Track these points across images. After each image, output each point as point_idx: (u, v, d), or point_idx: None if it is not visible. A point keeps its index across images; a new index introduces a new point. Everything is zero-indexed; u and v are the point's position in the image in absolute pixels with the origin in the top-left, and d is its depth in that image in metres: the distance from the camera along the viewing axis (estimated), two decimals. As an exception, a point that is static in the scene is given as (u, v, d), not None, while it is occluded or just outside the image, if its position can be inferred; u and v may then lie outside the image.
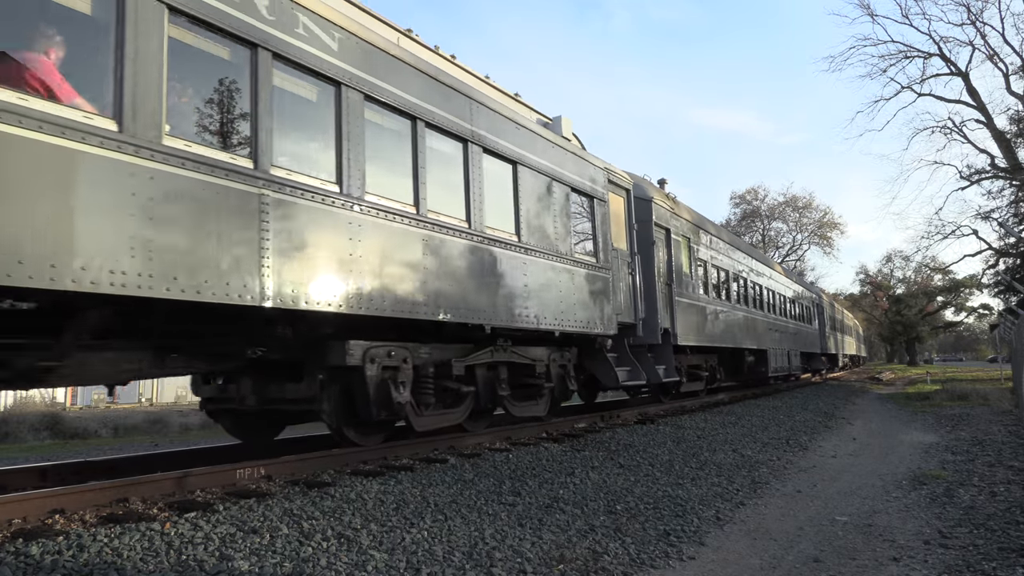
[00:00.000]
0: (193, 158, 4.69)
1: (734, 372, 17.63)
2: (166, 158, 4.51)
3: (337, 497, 4.79)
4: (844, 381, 31.18)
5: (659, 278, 12.09)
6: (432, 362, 7.08)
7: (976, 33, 29.78)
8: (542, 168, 8.69)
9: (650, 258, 11.84)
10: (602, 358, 10.09)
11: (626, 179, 11.42)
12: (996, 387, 20.91)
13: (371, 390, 6.23)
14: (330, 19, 5.86)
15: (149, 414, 17.96)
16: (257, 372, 6.53)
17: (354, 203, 5.83)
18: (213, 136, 5.01)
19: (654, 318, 11.62)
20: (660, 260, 12.30)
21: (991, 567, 4.06)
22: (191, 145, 4.74)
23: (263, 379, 6.54)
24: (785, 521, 5.45)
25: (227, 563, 3.42)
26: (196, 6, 4.76)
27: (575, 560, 4.11)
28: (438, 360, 7.17)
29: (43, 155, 3.90)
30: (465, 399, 7.69)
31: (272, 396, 6.50)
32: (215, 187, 4.80)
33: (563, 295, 8.81)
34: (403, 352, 6.60)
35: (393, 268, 6.21)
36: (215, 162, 4.83)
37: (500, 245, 7.74)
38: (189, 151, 4.69)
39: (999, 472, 7.18)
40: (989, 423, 12.01)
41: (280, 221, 5.20)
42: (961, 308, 62.77)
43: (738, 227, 58.80)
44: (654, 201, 12.24)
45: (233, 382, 6.75)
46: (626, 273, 10.84)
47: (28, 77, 3.97)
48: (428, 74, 6.94)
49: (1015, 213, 29.99)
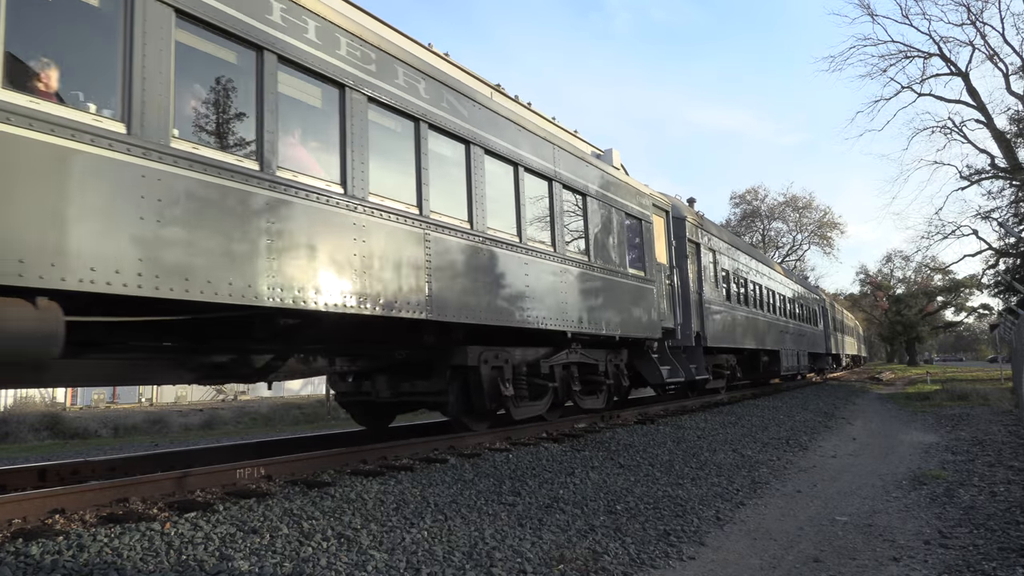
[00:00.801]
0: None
1: (750, 371, 18.80)
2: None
3: (337, 497, 4.79)
4: (844, 381, 31.18)
5: (691, 287, 13.48)
6: (524, 362, 8.48)
7: (976, 33, 29.85)
8: (603, 197, 10.15)
9: (684, 270, 13.31)
10: (648, 358, 11.52)
11: (665, 201, 13.01)
12: (996, 387, 20.91)
13: (485, 385, 7.68)
14: (470, 96, 7.49)
15: (149, 414, 17.97)
16: (392, 371, 7.97)
17: (478, 236, 7.36)
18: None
19: (688, 323, 13.03)
20: (692, 271, 13.68)
21: (991, 567, 4.06)
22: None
23: (396, 377, 8.00)
24: (785, 521, 5.45)
25: (227, 563, 3.42)
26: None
27: (575, 560, 4.11)
28: (529, 360, 8.59)
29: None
30: (547, 393, 8.95)
31: (404, 390, 8.00)
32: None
33: (621, 305, 10.26)
34: (505, 354, 8.09)
35: (506, 286, 7.78)
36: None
37: (575, 264, 9.18)
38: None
39: (999, 472, 7.18)
40: (989, 423, 12.01)
41: (434, 247, 6.70)
42: (961, 308, 62.75)
43: (738, 227, 58.80)
44: (687, 220, 13.70)
45: (368, 379, 8.19)
46: (666, 284, 12.29)
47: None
48: (527, 128, 8.48)
49: (1015, 213, 29.97)
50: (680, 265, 13.06)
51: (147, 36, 4.42)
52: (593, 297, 9.49)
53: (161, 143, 4.44)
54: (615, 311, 10.03)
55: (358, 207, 5.83)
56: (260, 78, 5.20)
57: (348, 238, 5.71)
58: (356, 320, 6.01)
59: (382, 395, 8.08)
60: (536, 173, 8.55)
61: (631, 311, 10.52)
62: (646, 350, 11.45)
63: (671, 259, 12.59)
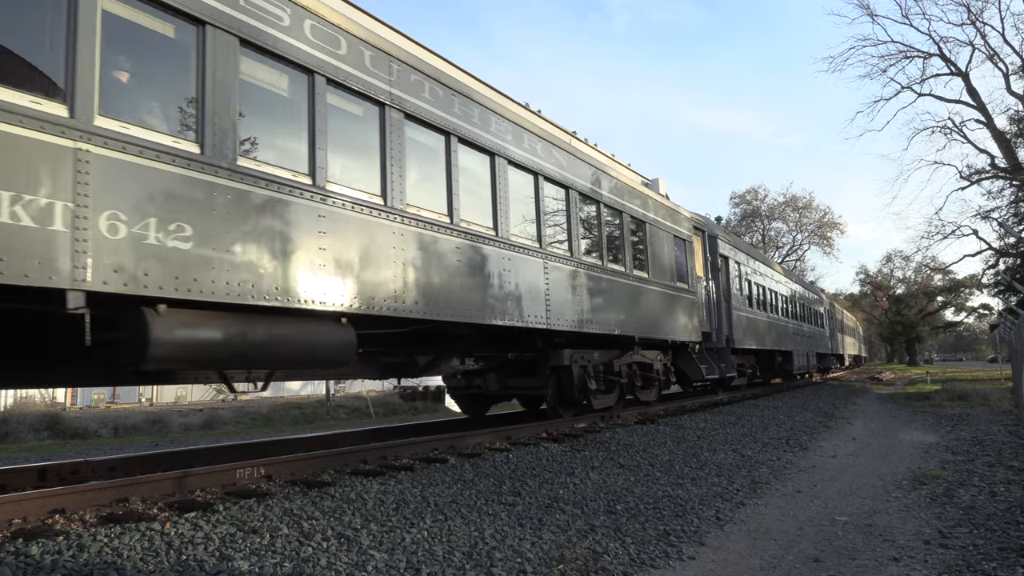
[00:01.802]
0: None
1: (766, 370, 20.86)
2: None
3: (337, 497, 4.79)
4: (844, 381, 31.18)
5: (722, 296, 15.34)
6: (601, 362, 10.37)
7: (976, 33, 29.78)
8: (657, 223, 12.19)
9: (717, 281, 15.19)
10: (690, 358, 13.49)
11: (702, 222, 15.07)
12: (996, 387, 20.90)
13: (575, 381, 9.62)
14: (579, 156, 9.68)
15: (149, 414, 17.96)
16: (500, 369, 9.97)
17: (575, 262, 9.29)
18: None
19: (720, 327, 14.95)
20: (722, 282, 15.54)
21: (991, 567, 4.06)
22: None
23: (504, 374, 10.06)
24: (785, 521, 5.45)
25: (227, 563, 3.42)
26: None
27: (575, 560, 4.11)
28: (604, 361, 10.50)
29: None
30: (616, 387, 10.78)
31: (511, 385, 10.13)
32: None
33: (672, 313, 12.30)
34: (589, 356, 9.99)
35: (596, 301, 9.74)
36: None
37: (640, 281, 11.20)
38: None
39: (999, 472, 7.17)
40: (989, 423, 12.00)
41: (552, 274, 8.70)
42: (961, 308, 62.69)
43: (738, 227, 58.75)
44: (719, 237, 15.68)
45: (480, 376, 10.18)
46: (704, 294, 14.20)
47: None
48: (607, 173, 10.53)
49: (1015, 213, 29.95)
50: (714, 277, 15.06)
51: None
52: (652, 307, 11.52)
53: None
54: (668, 318, 12.05)
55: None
56: (450, 151, 7.14)
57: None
58: (506, 330, 8.07)
59: (491, 389, 10.25)
60: (613, 209, 10.61)
61: (679, 318, 12.53)
62: (688, 351, 13.38)
63: (707, 272, 14.64)
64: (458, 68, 7.65)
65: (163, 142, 4.49)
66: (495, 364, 9.71)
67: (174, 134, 4.61)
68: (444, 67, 7.29)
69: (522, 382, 9.91)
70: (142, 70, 4.61)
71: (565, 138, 9.61)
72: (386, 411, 20.12)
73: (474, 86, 7.70)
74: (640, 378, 11.56)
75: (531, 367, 9.72)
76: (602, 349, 10.42)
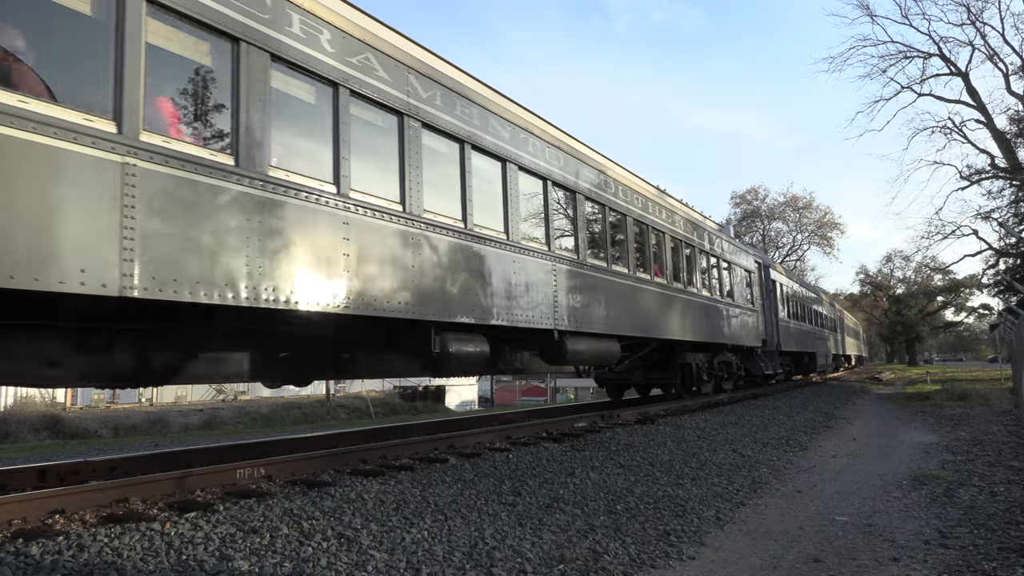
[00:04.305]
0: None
1: (795, 367, 25.36)
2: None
3: (337, 497, 4.79)
4: (844, 381, 31.16)
5: (772, 311, 19.95)
6: (705, 361, 14.89)
7: (976, 33, 29.78)
8: (731, 260, 16.62)
9: (770, 300, 19.93)
10: (753, 358, 18.25)
11: (760, 255, 20.59)
12: (996, 387, 20.90)
13: (694, 374, 14.28)
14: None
15: (149, 414, 17.97)
16: (644, 365, 13.56)
17: (698, 296, 13.80)
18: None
19: (772, 336, 19.64)
20: (772, 301, 20.14)
21: (991, 567, 4.06)
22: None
23: (646, 368, 13.78)
24: (785, 521, 5.45)
25: (227, 563, 3.42)
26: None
27: (575, 560, 4.10)
28: (707, 360, 15.12)
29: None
30: (713, 379, 15.50)
31: (652, 376, 14.16)
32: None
33: (743, 326, 16.79)
34: (700, 355, 14.54)
35: (701, 319, 13.73)
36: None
37: (724, 305, 15.43)
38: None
39: (999, 472, 7.17)
40: (989, 423, 12.00)
41: (692, 304, 13.54)
42: (961, 308, 62.75)
43: (738, 227, 58.70)
44: (771, 267, 20.78)
45: (627, 370, 13.74)
46: (761, 310, 18.81)
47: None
48: (697, 224, 14.71)
49: (1015, 213, 29.94)
50: (767, 297, 19.72)
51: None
52: (733, 321, 15.96)
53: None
54: (741, 329, 16.55)
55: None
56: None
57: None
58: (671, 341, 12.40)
59: (635, 379, 14.51)
60: (719, 258, 15.52)
61: (747, 329, 17.09)
62: (752, 354, 18.11)
63: (763, 293, 19.37)
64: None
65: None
66: (643, 363, 13.36)
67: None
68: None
69: (659, 374, 13.95)
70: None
71: (686, 210, 13.74)
72: (386, 411, 20.13)
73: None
74: (725, 372, 16.29)
75: (663, 364, 13.62)
76: (705, 352, 14.79)
